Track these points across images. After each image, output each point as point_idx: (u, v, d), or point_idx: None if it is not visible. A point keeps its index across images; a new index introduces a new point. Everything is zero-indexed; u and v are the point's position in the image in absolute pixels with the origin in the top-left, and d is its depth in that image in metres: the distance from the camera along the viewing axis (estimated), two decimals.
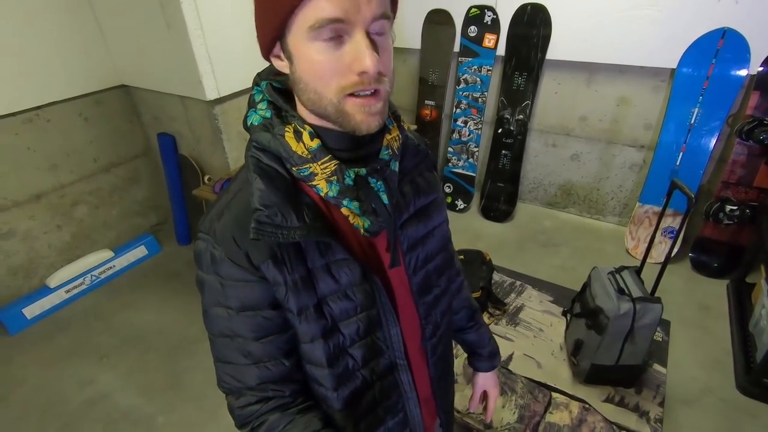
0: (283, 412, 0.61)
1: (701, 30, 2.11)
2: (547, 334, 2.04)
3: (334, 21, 0.45)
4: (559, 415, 1.53)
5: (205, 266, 0.57)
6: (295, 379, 0.63)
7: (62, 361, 2.09)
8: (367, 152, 0.57)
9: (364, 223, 0.57)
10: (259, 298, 0.57)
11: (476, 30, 2.71)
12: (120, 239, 2.76)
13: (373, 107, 0.50)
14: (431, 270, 0.69)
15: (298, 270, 0.55)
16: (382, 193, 0.57)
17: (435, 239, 0.70)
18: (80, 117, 2.43)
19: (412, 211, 0.64)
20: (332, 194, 0.54)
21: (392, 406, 0.69)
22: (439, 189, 0.73)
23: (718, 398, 1.74)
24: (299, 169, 0.54)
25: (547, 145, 2.87)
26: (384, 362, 0.65)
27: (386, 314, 0.62)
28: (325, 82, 0.48)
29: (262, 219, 0.51)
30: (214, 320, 0.60)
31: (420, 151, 0.67)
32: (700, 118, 2.25)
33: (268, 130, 0.54)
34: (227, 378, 0.62)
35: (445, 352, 0.79)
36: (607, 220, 2.87)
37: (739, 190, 2.22)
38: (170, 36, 1.98)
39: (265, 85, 0.57)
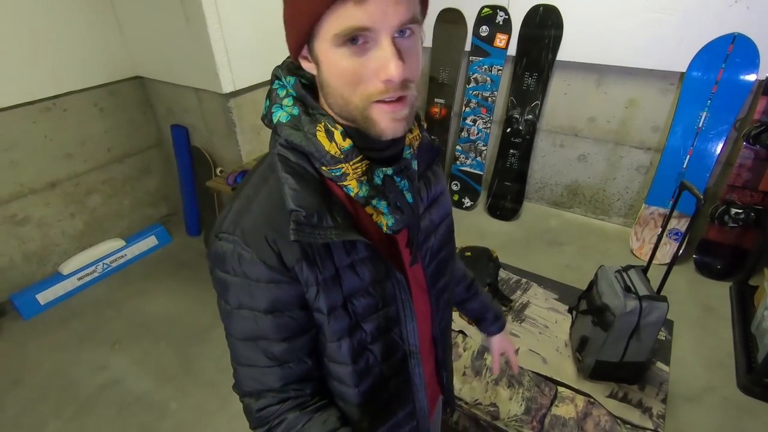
0: (302, 411, 0.61)
1: (712, 35, 2.13)
2: (552, 331, 2.07)
3: (360, 29, 0.44)
4: (565, 408, 1.56)
5: (230, 268, 0.55)
6: (315, 377, 0.63)
7: (76, 347, 2.13)
8: (391, 152, 0.57)
9: (388, 222, 0.58)
10: (290, 299, 0.56)
11: (488, 30, 2.73)
12: (131, 229, 2.80)
13: (399, 113, 0.49)
14: (441, 261, 0.72)
15: (328, 269, 0.56)
16: (406, 192, 0.58)
17: (442, 231, 0.71)
18: (96, 107, 2.47)
19: (426, 204, 0.66)
20: (362, 194, 0.55)
21: (404, 397, 0.71)
22: (444, 181, 0.74)
23: (719, 396, 1.78)
24: (331, 168, 0.53)
25: (554, 145, 2.89)
26: (400, 356, 0.67)
27: (405, 309, 0.64)
28: (352, 88, 0.48)
29: (300, 220, 0.50)
30: (238, 323, 0.58)
31: (433, 148, 0.68)
32: (707, 122, 2.28)
33: (299, 128, 0.53)
34: (248, 381, 0.62)
35: (448, 335, 0.84)
36: (613, 221, 2.90)
37: (745, 194, 2.25)
38: (189, 29, 2.01)
39: (294, 81, 0.55)
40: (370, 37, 0.45)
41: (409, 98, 0.50)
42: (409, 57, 0.48)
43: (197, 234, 2.91)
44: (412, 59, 0.48)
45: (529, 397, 1.60)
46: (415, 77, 0.50)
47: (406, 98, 0.49)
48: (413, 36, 0.48)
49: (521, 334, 2.05)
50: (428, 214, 0.67)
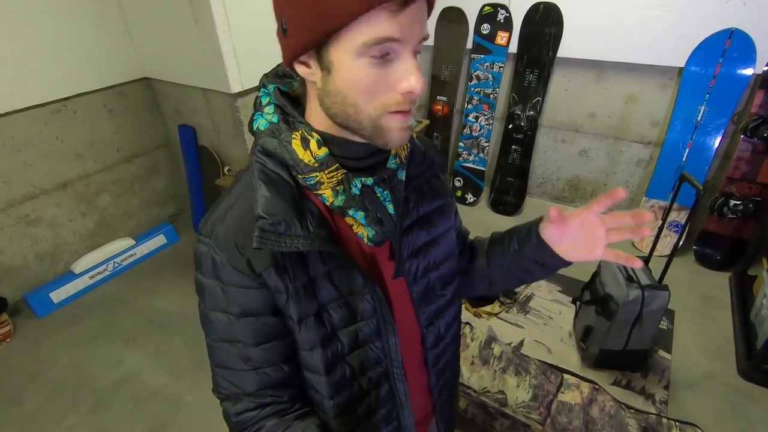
0: (281, 418, 0.60)
1: (709, 30, 2.18)
2: (557, 322, 2.13)
3: (391, 40, 0.44)
4: (571, 394, 1.61)
5: (205, 270, 0.56)
6: (294, 384, 0.62)
7: (90, 343, 2.18)
8: (375, 161, 0.56)
9: (368, 233, 0.57)
10: (260, 305, 0.56)
11: (489, 28, 2.78)
12: (140, 228, 2.85)
13: (406, 123, 0.50)
14: (434, 279, 0.68)
15: (300, 278, 0.55)
16: (388, 203, 0.57)
17: (439, 248, 0.68)
18: (105, 108, 2.51)
19: (415, 217, 0.64)
20: (338, 204, 0.54)
21: (386, 415, 0.69)
22: (447, 195, 0.71)
23: (720, 383, 1.83)
24: (305, 177, 0.53)
25: (556, 140, 2.94)
26: (380, 371, 0.65)
27: (385, 324, 0.62)
28: (368, 97, 0.48)
29: (265, 227, 0.50)
30: (214, 325, 0.59)
31: (426, 159, 0.66)
32: (706, 116, 2.32)
33: (275, 135, 0.53)
34: (225, 383, 0.62)
35: (449, 365, 0.78)
36: None
37: (743, 186, 2.30)
38: (197, 30, 2.05)
39: (273, 89, 0.56)
40: (395, 50, 0.46)
41: (413, 109, 0.51)
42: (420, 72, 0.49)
43: None
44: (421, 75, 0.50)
45: (536, 384, 1.65)
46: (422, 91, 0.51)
47: (412, 109, 0.51)
48: (420, 53, 0.50)
49: (526, 326, 2.10)
50: (417, 229, 0.64)
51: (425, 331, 0.69)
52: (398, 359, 0.65)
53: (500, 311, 2.19)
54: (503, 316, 2.16)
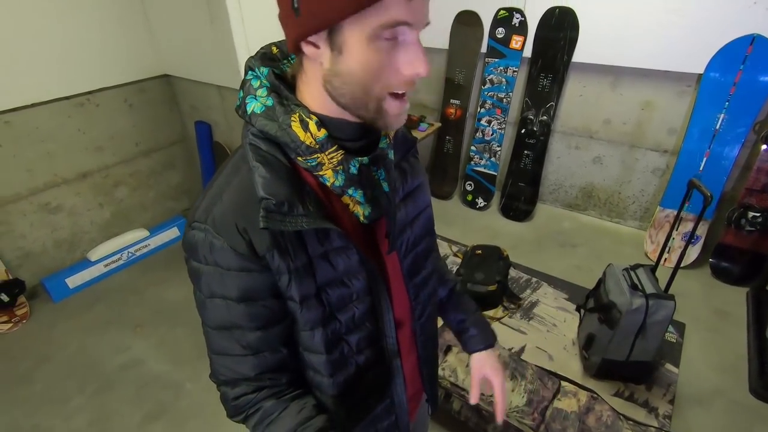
0: (278, 399, 0.61)
1: (730, 36, 2.12)
2: (560, 330, 2.08)
3: (404, 23, 0.46)
4: (567, 402, 1.57)
5: (202, 256, 0.55)
6: (291, 367, 0.63)
7: (100, 329, 2.25)
8: (367, 141, 0.58)
9: (365, 211, 0.58)
10: (261, 288, 0.56)
11: (504, 32, 2.76)
12: (155, 220, 2.93)
13: (404, 107, 0.53)
14: (419, 252, 0.72)
15: (300, 258, 0.55)
16: (383, 181, 0.59)
17: (421, 222, 0.71)
18: (125, 103, 2.60)
19: (402, 195, 0.66)
20: (338, 184, 0.55)
21: (381, 391, 0.71)
22: (423, 174, 0.74)
23: (730, 400, 1.76)
24: (307, 159, 0.53)
25: (569, 147, 2.89)
26: (377, 348, 0.67)
27: (381, 300, 0.64)
28: (377, 79, 0.49)
29: (270, 208, 0.50)
30: (211, 312, 0.59)
31: (408, 140, 0.69)
32: (725, 124, 2.25)
33: (273, 119, 0.53)
34: (223, 369, 0.62)
35: (431, 334, 0.82)
36: (627, 224, 2.88)
37: (764, 198, 2.21)
38: (213, 29, 2.12)
39: (267, 72, 0.55)
40: (405, 33, 0.48)
41: (409, 95, 0.53)
42: None
43: None
44: None
45: (531, 389, 1.62)
46: None
47: (407, 95, 0.53)
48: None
49: (529, 332, 2.06)
50: (404, 206, 0.67)
51: (413, 303, 0.73)
52: (393, 335, 0.67)
53: (503, 316, 2.16)
54: (506, 321, 2.12)
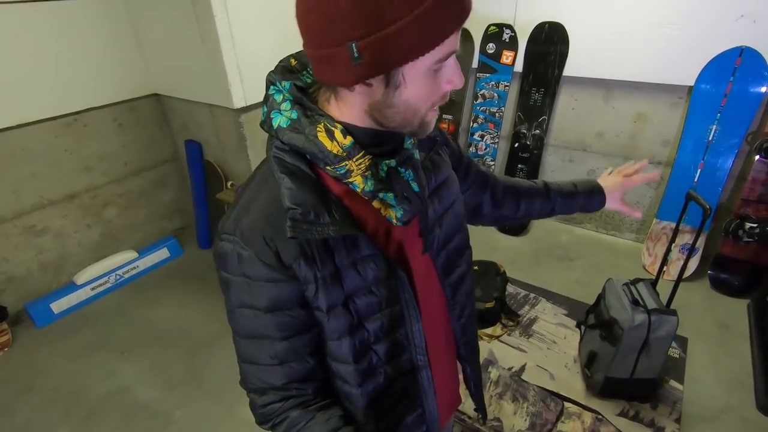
0: (305, 409, 0.62)
1: (719, 48, 2.13)
2: (561, 347, 2.03)
3: (454, 53, 0.50)
4: (572, 424, 1.52)
5: (231, 267, 0.57)
6: (318, 377, 0.64)
7: (86, 354, 2.17)
8: (393, 145, 0.59)
9: (397, 214, 0.58)
10: (288, 298, 0.57)
11: (494, 47, 2.78)
12: (145, 240, 2.87)
13: (437, 114, 0.56)
14: (452, 250, 0.72)
15: (328, 267, 0.56)
16: (412, 182, 0.59)
17: (450, 217, 0.71)
18: (115, 123, 2.57)
19: (429, 192, 0.67)
20: (368, 189, 0.55)
21: (411, 401, 0.70)
22: (450, 169, 0.74)
23: (738, 417, 1.71)
24: (335, 167, 0.54)
25: (563, 160, 2.89)
26: (406, 358, 0.67)
27: (409, 310, 0.63)
28: (428, 102, 0.53)
29: (296, 217, 0.51)
30: (240, 321, 0.60)
31: (431, 137, 0.69)
32: (718, 136, 2.25)
33: (299, 131, 0.54)
34: (252, 378, 0.63)
35: (472, 332, 0.82)
36: (624, 237, 2.85)
37: (760, 208, 2.20)
38: (203, 48, 2.10)
39: (288, 86, 0.56)
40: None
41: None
42: None
43: (208, 247, 2.96)
44: None
45: (534, 412, 1.56)
46: None
47: None
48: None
49: (529, 350, 2.01)
50: (431, 204, 0.67)
51: (451, 303, 0.73)
52: (422, 346, 0.67)
53: (502, 334, 2.11)
54: (505, 339, 2.07)
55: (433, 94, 0.52)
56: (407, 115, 0.52)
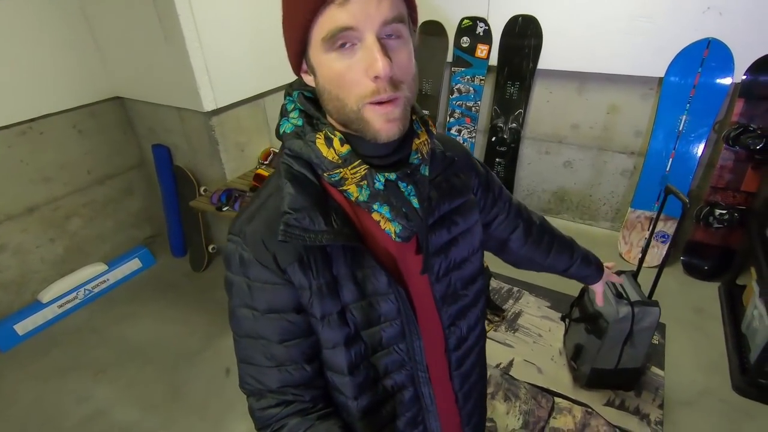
0: (303, 417, 0.61)
1: (687, 40, 2.18)
2: (546, 340, 2.06)
3: (345, 29, 0.46)
4: (563, 419, 1.54)
5: (234, 267, 0.59)
6: (316, 385, 0.63)
7: (58, 377, 2.05)
8: (397, 157, 0.57)
9: (396, 228, 0.56)
10: (285, 302, 0.57)
11: (469, 41, 2.76)
12: (114, 252, 2.73)
13: (391, 114, 0.50)
14: (455, 278, 0.68)
15: (324, 275, 0.56)
16: (412, 198, 0.57)
17: (461, 247, 0.68)
18: (74, 129, 2.41)
19: (437, 216, 0.64)
20: (362, 198, 0.55)
21: (412, 418, 0.68)
22: (469, 193, 0.70)
23: (716, 399, 1.77)
24: (330, 174, 0.54)
25: (540, 152, 2.91)
26: (405, 374, 0.65)
27: (409, 325, 0.62)
28: (345, 90, 0.49)
29: (290, 222, 0.52)
30: (240, 321, 0.61)
31: (446, 158, 0.66)
32: (687, 125, 2.31)
33: (300, 137, 0.56)
34: (249, 379, 0.63)
35: (474, 368, 0.77)
36: (600, 226, 2.92)
37: (728, 195, 2.28)
38: (167, 48, 1.99)
39: (297, 95, 0.58)
40: (356, 38, 0.47)
41: (400, 99, 0.50)
42: (396, 56, 0.49)
43: (182, 255, 2.85)
44: (401, 58, 0.49)
45: (526, 410, 1.58)
46: (405, 77, 0.50)
47: (399, 99, 0.50)
48: (401, 37, 0.50)
49: (515, 345, 2.03)
50: (439, 228, 0.64)
51: (447, 332, 0.69)
52: (423, 362, 0.65)
53: (488, 330, 2.12)
54: (492, 335, 2.09)
55: (350, 80, 0.48)
56: (337, 106, 0.51)
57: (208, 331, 2.22)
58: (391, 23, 0.47)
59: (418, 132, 0.60)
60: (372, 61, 0.47)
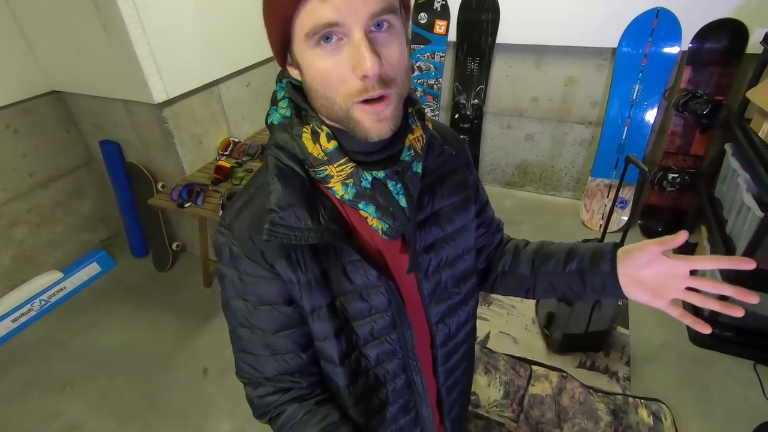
0: (301, 403, 0.62)
1: (638, 10, 2.23)
2: (519, 310, 2.14)
3: (329, 25, 0.43)
4: (541, 386, 1.62)
5: (225, 260, 0.59)
6: (312, 371, 0.64)
7: (20, 397, 1.93)
8: (388, 154, 0.55)
9: (382, 226, 0.56)
10: (275, 295, 0.58)
11: (426, 17, 2.71)
12: (68, 258, 2.57)
13: (382, 113, 0.48)
14: (446, 276, 0.67)
15: (312, 270, 0.56)
16: (400, 196, 0.56)
17: (453, 244, 0.66)
18: (8, 129, 2.21)
19: (429, 212, 0.63)
20: (348, 197, 0.54)
21: (404, 404, 0.70)
22: (467, 190, 0.68)
23: (675, 351, 1.91)
24: (315, 170, 0.54)
25: (502, 127, 2.95)
26: (397, 362, 0.66)
27: (400, 317, 0.62)
28: (333, 88, 0.47)
29: (275, 220, 0.51)
30: (234, 312, 0.61)
31: (444, 152, 0.64)
32: (641, 94, 2.40)
33: (287, 129, 0.54)
34: (246, 367, 0.64)
35: (461, 363, 0.76)
36: (563, 195, 3.02)
37: (679, 159, 2.40)
38: (107, 37, 1.83)
39: (285, 83, 0.56)
40: (342, 33, 0.44)
41: (391, 96, 0.48)
42: (387, 51, 0.46)
43: (144, 255, 2.72)
44: (391, 53, 0.46)
45: (506, 380, 1.64)
46: (397, 73, 0.47)
47: (389, 97, 0.48)
48: (392, 29, 0.46)
49: (490, 318, 2.09)
50: (431, 225, 0.63)
51: (434, 328, 0.68)
52: (414, 351, 0.65)
53: None
54: None
55: (337, 78, 0.46)
56: (325, 104, 0.49)
57: (180, 333, 2.15)
58: (380, 15, 0.44)
59: (413, 127, 0.57)
60: (359, 60, 0.44)
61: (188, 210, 2.04)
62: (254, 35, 2.37)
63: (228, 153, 2.41)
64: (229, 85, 2.41)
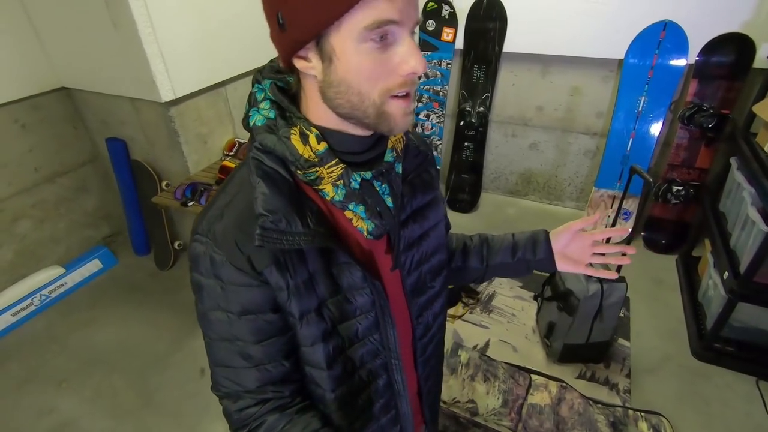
0: (282, 413, 0.61)
1: (645, 23, 2.24)
2: (520, 319, 2.12)
3: (390, 22, 0.45)
4: (540, 395, 1.60)
5: (203, 269, 0.56)
6: (294, 379, 0.63)
7: (16, 391, 1.92)
8: (373, 155, 0.57)
9: (368, 227, 0.56)
10: (261, 302, 0.56)
11: (434, 24, 2.73)
12: (70, 254, 2.57)
13: (408, 108, 0.51)
14: (425, 271, 0.70)
15: (301, 274, 0.55)
16: (386, 197, 0.57)
17: (430, 240, 0.70)
18: (16, 124, 2.22)
19: (409, 211, 0.65)
20: (338, 198, 0.54)
21: (385, 404, 0.71)
22: (437, 188, 0.73)
23: (676, 364, 1.89)
24: (305, 173, 0.53)
25: (506, 135, 2.95)
26: (379, 362, 0.67)
27: (384, 316, 0.63)
28: (373, 83, 0.48)
29: (266, 225, 0.50)
30: (213, 324, 0.58)
31: (420, 152, 0.68)
32: (646, 106, 2.40)
33: (273, 131, 0.53)
34: (225, 381, 0.61)
35: (434, 352, 0.80)
36: (566, 205, 3.01)
37: (683, 171, 2.39)
38: (117, 35, 1.85)
39: (269, 84, 0.55)
40: (394, 32, 0.46)
41: (413, 93, 0.51)
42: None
43: (146, 253, 2.72)
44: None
45: (505, 389, 1.62)
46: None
47: (412, 93, 0.51)
48: (414, 36, 0.51)
49: (491, 325, 2.08)
50: (411, 223, 0.65)
51: (415, 322, 0.70)
52: (396, 350, 0.66)
53: (464, 313, 2.16)
54: (467, 318, 2.13)
55: (380, 73, 0.48)
56: (353, 99, 0.49)
57: (178, 332, 2.15)
58: (417, 24, 0.49)
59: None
60: (409, 59, 0.47)
61: (191, 209, 2.05)
62: (262, 37, 2.39)
63: (233, 153, 2.42)
64: (236, 85, 2.42)
